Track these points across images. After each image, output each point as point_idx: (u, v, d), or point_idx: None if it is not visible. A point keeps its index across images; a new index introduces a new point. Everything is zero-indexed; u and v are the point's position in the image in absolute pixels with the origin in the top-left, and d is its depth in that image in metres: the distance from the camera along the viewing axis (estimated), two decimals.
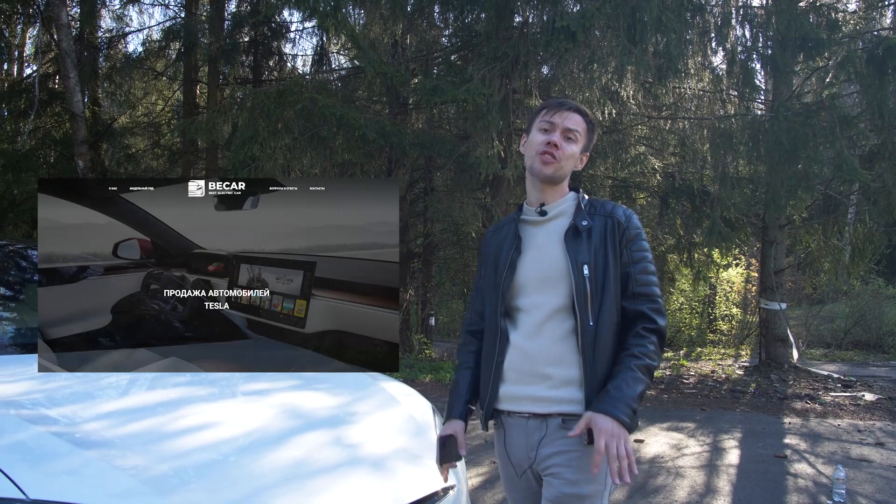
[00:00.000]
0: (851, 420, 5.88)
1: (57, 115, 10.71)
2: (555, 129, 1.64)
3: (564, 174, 1.68)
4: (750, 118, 7.41)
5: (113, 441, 1.47)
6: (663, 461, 4.54)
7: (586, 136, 1.70)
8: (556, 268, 1.61)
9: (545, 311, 1.59)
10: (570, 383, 1.57)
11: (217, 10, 10.07)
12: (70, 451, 1.40)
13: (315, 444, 1.74)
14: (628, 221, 1.65)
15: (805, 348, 10.58)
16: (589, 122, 1.71)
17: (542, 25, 7.15)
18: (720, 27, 7.34)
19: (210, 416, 1.74)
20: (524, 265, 1.65)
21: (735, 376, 8.10)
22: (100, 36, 11.27)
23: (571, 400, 1.57)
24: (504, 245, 1.71)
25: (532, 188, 1.72)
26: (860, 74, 6.64)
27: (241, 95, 9.50)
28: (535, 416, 1.59)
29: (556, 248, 1.62)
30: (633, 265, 1.62)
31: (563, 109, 1.68)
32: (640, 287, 1.61)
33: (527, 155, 1.70)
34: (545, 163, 1.64)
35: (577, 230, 1.62)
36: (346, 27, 7.24)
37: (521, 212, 1.75)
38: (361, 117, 7.47)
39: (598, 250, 1.60)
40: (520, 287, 1.64)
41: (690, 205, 8.69)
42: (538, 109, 1.75)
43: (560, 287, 1.59)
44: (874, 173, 7.13)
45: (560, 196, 1.70)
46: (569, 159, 1.66)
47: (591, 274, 1.58)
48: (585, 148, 1.72)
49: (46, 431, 1.46)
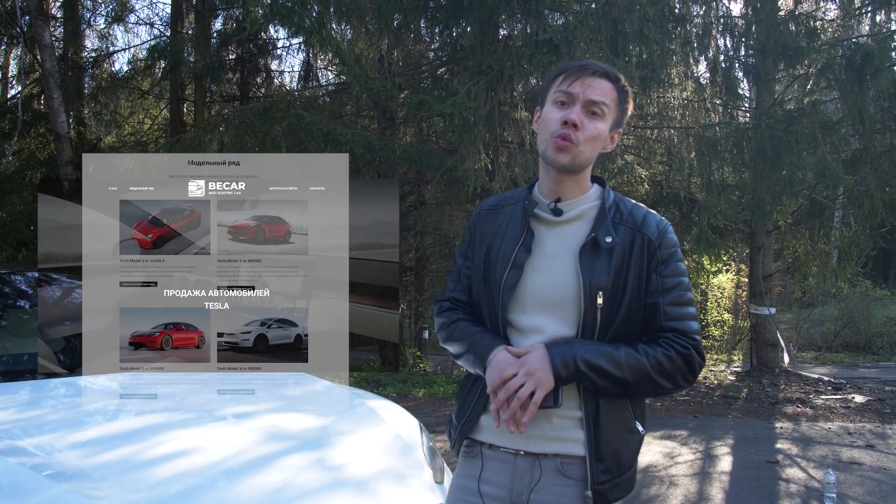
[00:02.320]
0: (842, 423, 5.90)
1: (41, 136, 10.65)
2: (574, 102, 1.28)
3: (586, 161, 1.31)
4: (734, 126, 7.48)
5: (87, 472, 1.44)
6: (656, 470, 4.53)
7: (617, 108, 1.32)
8: (564, 289, 1.29)
9: (545, 337, 1.29)
10: (570, 419, 1.30)
11: (203, 27, 10.09)
12: (43, 484, 1.37)
13: (297, 467, 1.72)
14: (662, 238, 1.32)
15: (796, 351, 10.63)
16: (621, 88, 1.33)
17: (525, 38, 7.21)
18: (702, 37, 7.42)
19: (189, 441, 1.71)
20: (528, 274, 1.32)
21: (727, 382, 8.12)
22: (85, 56, 11.25)
23: (572, 439, 1.30)
24: (507, 234, 1.36)
25: (545, 177, 1.36)
26: (840, 81, 6.73)
27: (228, 113, 9.49)
28: (526, 454, 1.32)
29: (567, 264, 1.30)
30: (663, 294, 1.30)
31: (585, 75, 1.29)
32: (671, 322, 1.30)
33: (539, 136, 1.34)
34: (560, 149, 1.28)
35: (598, 245, 1.29)
36: (332, 43, 7.28)
37: (532, 199, 1.38)
38: (348, 132, 7.48)
39: (620, 273, 1.28)
40: (518, 301, 1.32)
41: (679, 212, 8.74)
42: (554, 74, 1.36)
43: (566, 313, 1.29)
44: (857, 177, 7.21)
45: (580, 192, 1.35)
46: (592, 142, 1.29)
47: (605, 304, 1.27)
48: (617, 123, 1.34)
49: (19, 464, 1.44)
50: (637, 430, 1.34)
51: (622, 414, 1.32)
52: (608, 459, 1.28)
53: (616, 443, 1.30)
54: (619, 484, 1.30)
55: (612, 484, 1.28)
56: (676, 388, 1.32)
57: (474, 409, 1.37)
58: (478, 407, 1.37)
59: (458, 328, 1.40)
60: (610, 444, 1.28)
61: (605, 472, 1.27)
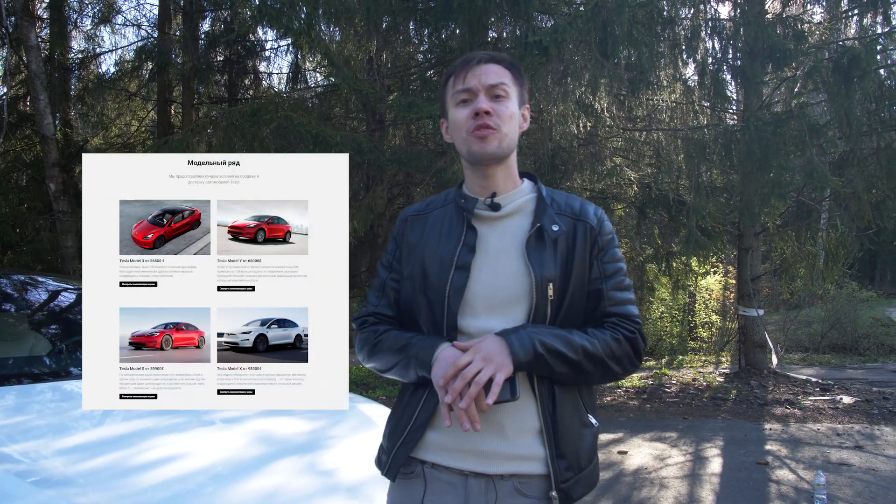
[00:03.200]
0: (830, 424, 5.94)
1: (27, 138, 10.53)
2: (476, 94, 1.26)
3: (512, 144, 1.30)
4: (722, 128, 7.53)
5: (74, 478, 1.42)
6: (647, 472, 4.53)
7: (516, 84, 1.32)
8: (515, 285, 1.24)
9: None
10: (527, 432, 1.23)
11: (190, 29, 10.02)
12: (28, 491, 1.34)
13: (288, 472, 1.69)
14: (601, 225, 1.32)
15: (784, 353, 10.71)
16: (512, 66, 1.32)
17: (515, 40, 7.22)
18: (690, 40, 7.46)
19: (178, 446, 1.69)
20: (474, 275, 1.25)
21: (716, 384, 8.15)
22: (71, 57, 11.13)
23: (529, 457, 1.22)
24: (442, 236, 1.29)
25: (474, 176, 1.32)
26: (827, 84, 6.79)
27: (217, 114, 9.43)
28: (477, 475, 1.22)
29: (514, 259, 1.25)
30: (606, 280, 1.29)
31: (473, 65, 1.28)
32: (615, 307, 1.29)
33: (457, 141, 1.31)
34: (483, 138, 1.25)
35: (543, 235, 1.26)
36: (321, 45, 7.24)
37: (464, 196, 1.32)
38: (338, 134, 7.45)
39: (567, 263, 1.25)
40: (466, 304, 1.25)
41: (667, 215, 8.78)
42: (444, 79, 1.34)
43: (516, 310, 1.24)
44: (844, 180, 7.27)
45: (513, 185, 1.33)
46: (509, 122, 1.28)
47: (555, 295, 1.23)
48: (522, 100, 1.34)
49: (4, 471, 1.41)
50: (591, 423, 1.30)
51: (576, 406, 1.28)
52: (569, 455, 1.23)
53: (574, 437, 1.25)
54: (581, 480, 1.26)
55: (574, 481, 1.24)
56: (624, 373, 1.29)
57: (416, 423, 1.26)
58: (420, 419, 1.25)
59: (389, 337, 1.30)
60: (569, 439, 1.24)
61: (568, 468, 1.23)
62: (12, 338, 2.57)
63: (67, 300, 2.88)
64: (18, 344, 2.54)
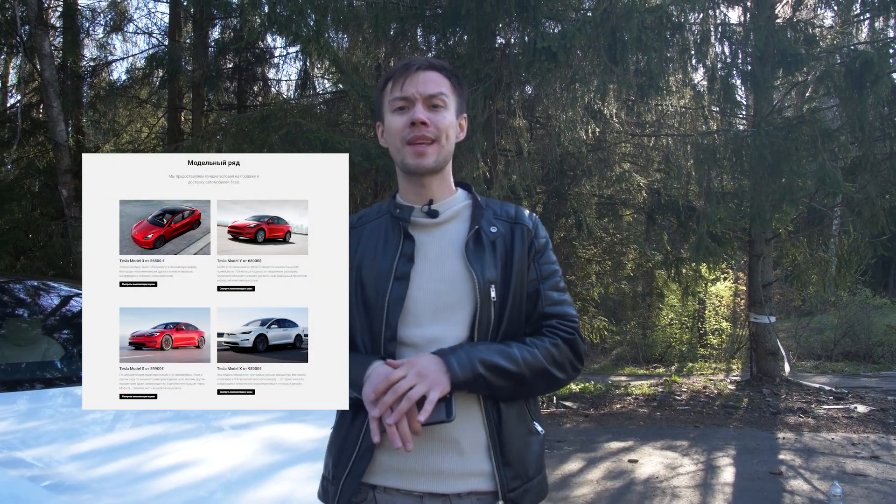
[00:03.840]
0: (845, 433, 5.86)
1: (40, 145, 10.63)
2: (414, 103, 1.25)
3: (448, 156, 1.30)
4: (732, 133, 7.49)
5: (87, 484, 1.41)
6: (658, 482, 4.49)
7: (455, 94, 1.30)
8: (457, 290, 1.23)
9: (444, 347, 1.20)
10: (478, 449, 1.21)
11: (200, 37, 10.11)
12: (42, 497, 1.34)
13: (297, 479, 1.68)
14: (536, 229, 1.32)
15: (795, 360, 10.60)
16: (451, 74, 1.31)
17: (523, 46, 7.22)
18: (699, 45, 7.44)
19: (189, 453, 1.68)
20: (415, 283, 1.24)
21: (727, 391, 8.08)
22: (83, 65, 11.25)
23: (482, 472, 1.20)
24: (379, 248, 1.28)
25: (409, 185, 1.31)
26: (839, 88, 6.74)
27: (226, 121, 9.49)
28: (433, 496, 1.18)
29: (455, 263, 1.25)
30: (543, 281, 1.28)
31: (412, 72, 1.26)
32: (552, 307, 1.28)
33: (390, 147, 1.30)
34: (420, 153, 1.24)
35: (481, 237, 1.26)
36: (329, 52, 7.27)
37: (399, 206, 1.31)
38: (346, 141, 7.47)
39: (506, 265, 1.25)
40: (409, 314, 1.23)
41: (677, 220, 8.74)
42: (382, 83, 1.32)
43: (460, 315, 1.22)
44: (857, 185, 7.21)
45: (449, 192, 1.33)
46: (447, 131, 1.27)
47: (498, 297, 1.22)
48: (460, 108, 1.33)
49: (19, 476, 1.41)
50: (536, 431, 1.28)
51: (521, 415, 1.26)
52: (515, 464, 1.21)
53: (519, 445, 1.23)
54: (531, 489, 1.23)
55: (522, 490, 1.21)
56: (567, 379, 1.27)
57: (362, 448, 1.20)
58: (367, 444, 1.19)
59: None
60: (513, 447, 1.22)
61: (515, 477, 1.20)
62: (25, 343, 2.58)
63: (79, 305, 2.89)
64: (31, 349, 2.55)
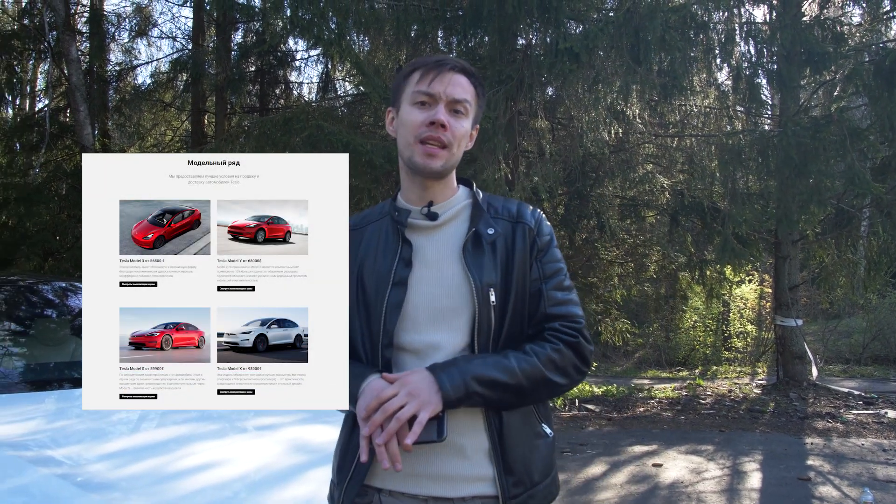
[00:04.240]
0: (875, 439, 5.73)
1: (68, 149, 10.84)
2: (437, 102, 1.21)
3: (456, 164, 1.26)
4: (758, 133, 7.37)
5: (116, 483, 1.43)
6: (683, 486, 4.42)
7: (477, 103, 1.27)
8: (456, 294, 1.20)
9: (445, 354, 1.18)
10: (480, 453, 1.18)
11: (223, 40, 10.23)
12: (73, 494, 1.36)
13: (323, 480, 1.68)
14: (539, 226, 1.27)
15: (823, 364, 10.39)
16: (478, 83, 1.27)
17: (545, 47, 7.19)
18: (724, 44, 7.33)
19: (216, 453, 1.70)
20: (413, 288, 1.21)
21: (753, 395, 7.95)
22: (109, 69, 11.46)
23: (485, 477, 1.17)
24: (379, 252, 1.25)
25: (412, 184, 1.28)
26: (868, 87, 6.60)
27: (248, 124, 9.59)
28: (437, 500, 1.17)
29: (453, 266, 1.22)
30: (546, 280, 1.24)
31: (444, 70, 1.22)
32: (556, 307, 1.23)
33: (400, 139, 1.26)
34: (430, 155, 1.21)
35: (479, 239, 1.22)
36: (351, 54, 7.31)
37: (401, 209, 1.28)
38: (368, 143, 7.49)
39: (507, 267, 1.22)
40: (407, 320, 1.21)
41: (701, 222, 8.62)
42: (407, 71, 1.27)
43: (459, 320, 1.20)
44: (887, 185, 7.05)
45: (451, 193, 1.29)
46: (460, 141, 1.24)
47: (498, 301, 1.19)
48: (477, 119, 1.29)
49: (50, 474, 1.43)
50: (544, 433, 1.24)
51: (527, 417, 1.22)
52: (518, 470, 1.17)
53: (523, 449, 1.19)
54: (535, 496, 1.19)
55: (526, 496, 1.18)
56: (572, 383, 1.23)
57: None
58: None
59: None
60: (516, 452, 1.18)
61: (517, 484, 1.17)
62: (54, 343, 2.62)
63: None
64: (59, 349, 2.59)
